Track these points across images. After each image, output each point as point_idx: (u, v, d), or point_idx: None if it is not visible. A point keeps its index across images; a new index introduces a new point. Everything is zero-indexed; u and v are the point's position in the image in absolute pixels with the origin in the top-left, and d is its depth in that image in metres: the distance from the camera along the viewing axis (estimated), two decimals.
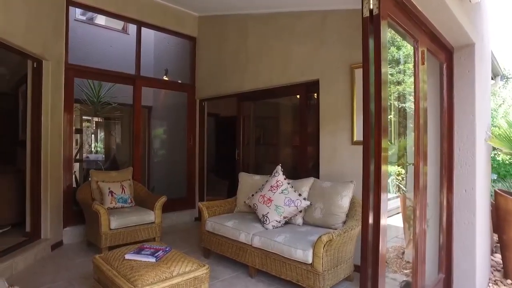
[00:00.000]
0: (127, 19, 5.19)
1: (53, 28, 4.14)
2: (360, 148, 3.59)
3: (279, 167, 3.74)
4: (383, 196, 1.69)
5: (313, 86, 4.16)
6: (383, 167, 1.68)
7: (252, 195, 3.85)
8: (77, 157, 6.46)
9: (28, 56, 3.85)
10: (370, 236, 1.72)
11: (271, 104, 7.45)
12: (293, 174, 4.16)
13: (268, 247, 3.15)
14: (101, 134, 9.60)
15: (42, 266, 3.64)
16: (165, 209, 4.49)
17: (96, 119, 9.43)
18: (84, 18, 6.55)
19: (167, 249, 2.75)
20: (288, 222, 3.54)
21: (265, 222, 3.47)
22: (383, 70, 1.69)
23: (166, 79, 6.49)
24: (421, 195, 2.21)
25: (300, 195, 3.49)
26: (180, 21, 5.63)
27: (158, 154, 7.60)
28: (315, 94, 4.28)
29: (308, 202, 3.43)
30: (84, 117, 7.69)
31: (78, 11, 6.39)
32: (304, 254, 2.83)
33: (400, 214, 4.03)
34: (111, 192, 4.20)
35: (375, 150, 1.70)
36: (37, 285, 3.17)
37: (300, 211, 3.49)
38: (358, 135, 3.61)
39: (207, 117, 6.07)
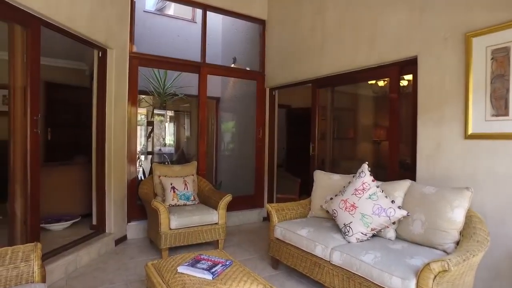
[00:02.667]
0: (192, 3, 4.86)
1: (117, 16, 3.96)
2: (480, 144, 2.74)
3: (365, 166, 3.02)
4: None
5: (408, 65, 3.34)
6: None
7: (331, 198, 3.20)
8: (147, 149, 6.47)
9: (93, 45, 3.71)
10: None
11: (350, 92, 6.64)
12: (375, 174, 3.40)
13: (351, 267, 2.49)
14: (172, 127, 9.73)
15: (103, 262, 3.47)
16: (231, 207, 4.09)
17: (169, 113, 9.58)
18: (153, 9, 6.49)
19: (227, 263, 2.27)
20: (375, 234, 2.82)
21: (347, 233, 2.80)
22: None
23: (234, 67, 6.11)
24: None
25: (393, 202, 2.74)
26: (248, 2, 5.15)
27: (226, 148, 7.31)
28: (410, 76, 3.45)
29: (404, 212, 2.67)
30: (156, 112, 7.76)
31: (148, 2, 6.34)
32: (404, 285, 2.11)
33: None
34: (173, 187, 3.91)
35: None
36: (96, 284, 2.99)
37: (393, 223, 2.74)
38: (475, 126, 2.72)
39: (278, 108, 5.52)
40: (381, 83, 6.48)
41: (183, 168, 4.23)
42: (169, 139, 9.13)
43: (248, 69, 5.55)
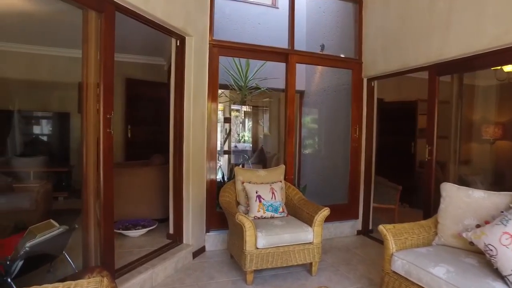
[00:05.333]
0: None
1: (195, 0, 3.49)
2: None
3: None
4: None
5: None
6: None
7: (477, 226, 2.29)
8: (223, 149, 6.05)
9: (170, 32, 3.28)
10: None
11: (474, 80, 5.44)
12: (493, 183, 2.35)
13: None
14: (249, 124, 9.32)
15: (180, 282, 3.03)
16: None
17: (245, 108, 9.17)
18: None
19: None
20: None
21: None
22: None
23: None
24: None
25: None
26: None
27: (311, 147, 6.56)
28: None
29: None
30: (232, 107, 7.35)
31: None
32: None
33: None
34: (258, 196, 3.32)
35: None
36: None
37: None
38: None
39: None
40: (508, 68, 5.16)
41: (269, 173, 3.61)
42: (245, 134, 8.71)
43: (342, 56, 4.71)
